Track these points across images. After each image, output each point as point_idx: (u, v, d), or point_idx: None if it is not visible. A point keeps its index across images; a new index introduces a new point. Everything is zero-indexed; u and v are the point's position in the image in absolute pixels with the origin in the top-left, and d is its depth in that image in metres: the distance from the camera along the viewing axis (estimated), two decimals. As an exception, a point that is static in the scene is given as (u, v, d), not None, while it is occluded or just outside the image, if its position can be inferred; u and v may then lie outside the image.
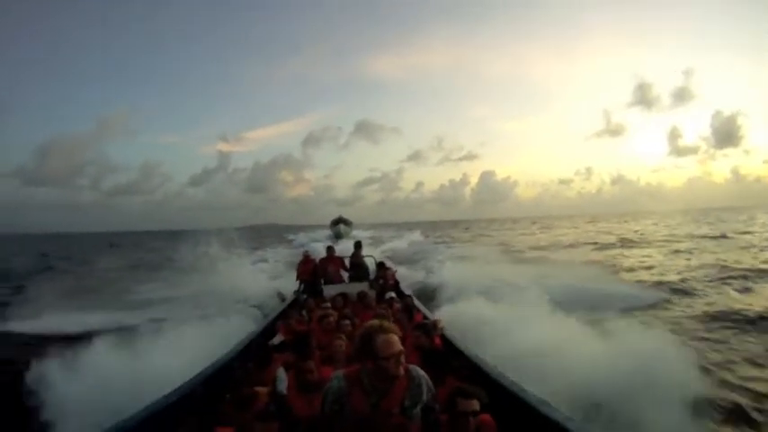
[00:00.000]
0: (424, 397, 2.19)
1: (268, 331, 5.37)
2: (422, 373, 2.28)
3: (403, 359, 2.10)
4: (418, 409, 2.17)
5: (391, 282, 7.53)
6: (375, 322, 2.24)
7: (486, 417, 2.37)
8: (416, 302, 6.27)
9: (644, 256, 18.85)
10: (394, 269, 8.24)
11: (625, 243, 25.79)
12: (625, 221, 65.15)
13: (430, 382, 2.26)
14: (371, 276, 7.95)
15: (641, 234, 33.37)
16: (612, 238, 29.46)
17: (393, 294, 6.26)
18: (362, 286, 7.13)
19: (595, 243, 27.08)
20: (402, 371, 2.11)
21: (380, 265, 8.16)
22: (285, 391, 3.11)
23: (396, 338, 2.10)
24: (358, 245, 8.71)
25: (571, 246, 26.99)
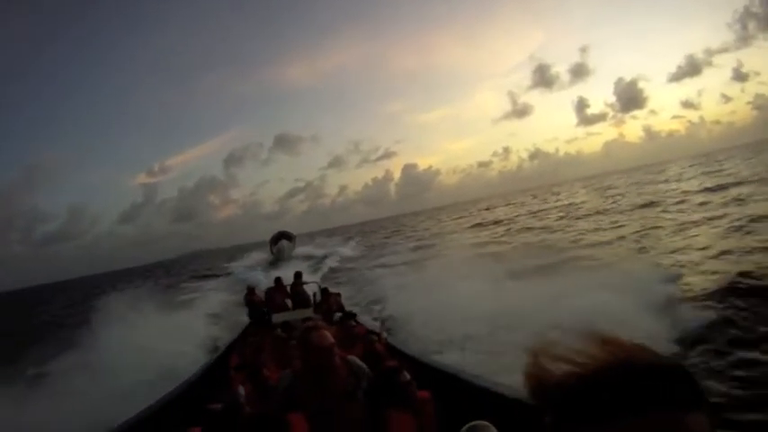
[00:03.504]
0: (363, 382, 2.40)
1: (223, 358, 5.70)
2: (358, 361, 2.50)
3: (337, 351, 2.32)
4: (361, 393, 2.37)
5: (335, 306, 7.96)
6: (309, 323, 2.48)
7: (424, 392, 2.60)
8: (361, 320, 6.74)
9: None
10: (337, 294, 8.66)
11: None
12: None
13: (368, 369, 2.48)
14: (314, 302, 8.33)
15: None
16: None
17: (340, 315, 6.69)
18: (308, 312, 7.39)
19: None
20: (338, 361, 2.33)
21: (324, 291, 8.61)
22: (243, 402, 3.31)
23: (327, 333, 2.30)
24: (298, 275, 9.14)
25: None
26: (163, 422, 3.53)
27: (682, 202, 18.93)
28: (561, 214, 25.16)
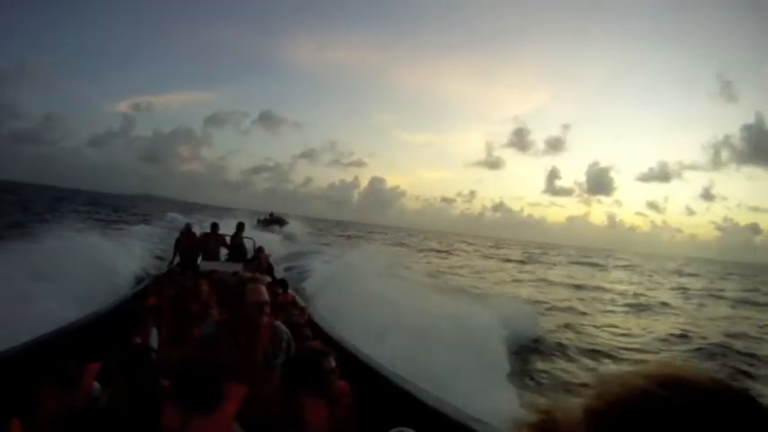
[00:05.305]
0: (284, 351, 2.28)
1: (139, 296, 5.53)
2: (285, 329, 2.34)
3: (267, 310, 2.19)
4: (279, 362, 2.26)
5: (265, 265, 7.96)
6: (248, 274, 2.40)
7: (344, 383, 2.46)
8: (289, 289, 6.61)
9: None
10: (270, 254, 8.90)
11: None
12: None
13: (292, 340, 2.36)
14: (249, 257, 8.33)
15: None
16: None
17: (269, 280, 6.92)
18: (238, 267, 7.14)
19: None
20: (265, 320, 2.20)
21: (259, 249, 8.62)
22: (156, 346, 3.09)
23: (263, 289, 2.18)
24: (240, 226, 9.06)
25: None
26: (59, 350, 3.11)
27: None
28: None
